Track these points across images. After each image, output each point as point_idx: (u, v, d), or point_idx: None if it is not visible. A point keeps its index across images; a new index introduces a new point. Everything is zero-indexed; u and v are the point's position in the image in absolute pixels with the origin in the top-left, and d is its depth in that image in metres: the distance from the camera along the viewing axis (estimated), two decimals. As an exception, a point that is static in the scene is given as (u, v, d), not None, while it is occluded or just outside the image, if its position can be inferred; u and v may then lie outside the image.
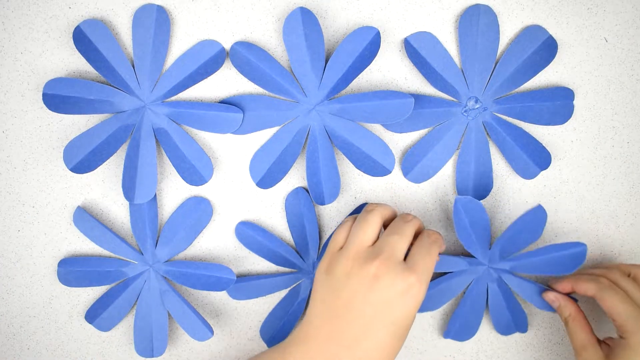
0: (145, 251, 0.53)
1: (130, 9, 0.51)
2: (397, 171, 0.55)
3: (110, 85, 0.51)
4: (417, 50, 0.52)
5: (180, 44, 0.52)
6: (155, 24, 0.49)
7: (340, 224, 0.49)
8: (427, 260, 0.46)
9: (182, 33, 0.51)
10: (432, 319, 0.57)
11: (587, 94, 0.54)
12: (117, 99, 0.50)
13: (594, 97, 0.55)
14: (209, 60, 0.50)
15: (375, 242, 0.47)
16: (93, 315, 0.54)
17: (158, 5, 0.49)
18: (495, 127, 0.53)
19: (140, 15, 0.49)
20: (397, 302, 0.44)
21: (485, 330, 0.57)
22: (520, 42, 0.52)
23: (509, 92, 0.53)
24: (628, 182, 0.56)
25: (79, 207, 0.52)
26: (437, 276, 0.55)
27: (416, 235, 0.49)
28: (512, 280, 0.55)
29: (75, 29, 0.49)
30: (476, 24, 0.52)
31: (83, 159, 0.50)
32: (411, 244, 0.48)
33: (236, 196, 0.54)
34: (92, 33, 0.49)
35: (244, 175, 0.54)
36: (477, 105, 0.52)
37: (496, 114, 0.53)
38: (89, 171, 0.50)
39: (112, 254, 0.54)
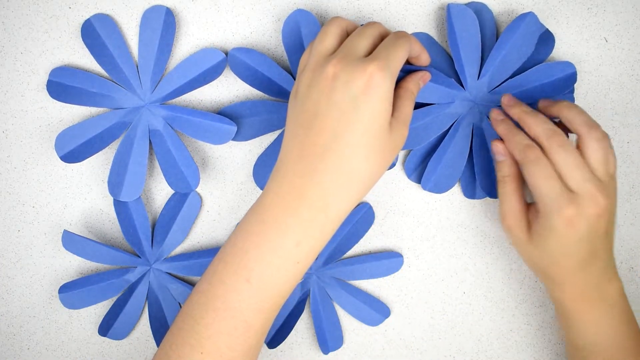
0: (142, 253, 0.53)
1: (130, 9, 0.51)
2: (397, 170, 0.55)
3: (112, 81, 0.51)
4: None
5: (179, 44, 0.52)
6: (163, 26, 0.50)
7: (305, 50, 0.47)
8: (391, 50, 0.42)
9: (182, 33, 0.51)
10: (432, 320, 0.57)
11: (587, 94, 0.54)
12: (118, 95, 0.50)
13: (594, 97, 0.55)
14: (209, 68, 0.50)
15: None
16: (105, 327, 0.54)
17: (167, 8, 0.49)
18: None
19: (149, 16, 0.49)
20: (362, 99, 0.41)
21: (486, 329, 0.57)
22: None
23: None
24: (628, 182, 0.56)
25: (65, 231, 0.51)
26: (420, 107, 0.52)
27: None
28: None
29: (85, 22, 0.49)
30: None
31: (75, 149, 0.50)
32: None
33: (236, 196, 0.54)
34: (101, 27, 0.49)
35: (244, 175, 0.54)
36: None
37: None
38: (78, 161, 0.50)
39: (110, 266, 0.54)
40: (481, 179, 0.53)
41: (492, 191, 0.53)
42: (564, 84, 0.52)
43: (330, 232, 0.44)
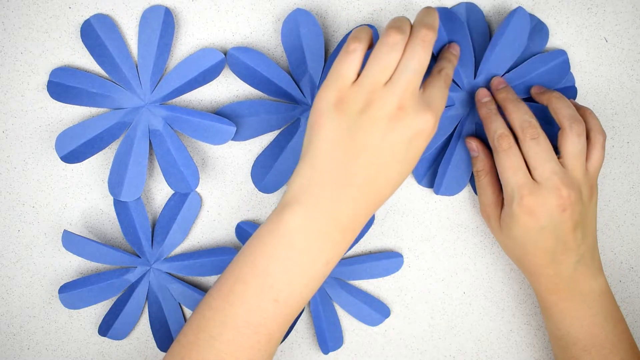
0: (142, 253, 0.53)
1: (130, 9, 0.51)
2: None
3: (112, 81, 0.51)
4: None
5: (180, 44, 0.52)
6: (162, 26, 0.50)
7: (344, 51, 0.44)
8: (444, 98, 0.45)
9: (182, 33, 0.51)
10: (432, 320, 0.57)
11: (587, 94, 0.54)
12: (118, 95, 0.50)
13: (594, 97, 0.55)
14: (208, 68, 0.50)
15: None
16: (105, 327, 0.54)
17: (166, 8, 0.49)
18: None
19: (148, 16, 0.49)
20: (413, 143, 0.43)
21: (486, 329, 0.57)
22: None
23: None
24: (628, 182, 0.56)
25: (65, 231, 0.51)
26: None
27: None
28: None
29: (85, 22, 0.49)
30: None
31: (75, 149, 0.50)
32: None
33: (236, 196, 0.54)
34: (100, 28, 0.49)
35: (243, 175, 0.54)
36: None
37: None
38: (78, 162, 0.50)
39: (110, 266, 0.54)
40: None
41: None
42: (558, 71, 0.52)
43: (350, 242, 0.45)
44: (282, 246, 0.43)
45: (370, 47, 0.45)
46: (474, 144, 0.52)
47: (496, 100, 0.51)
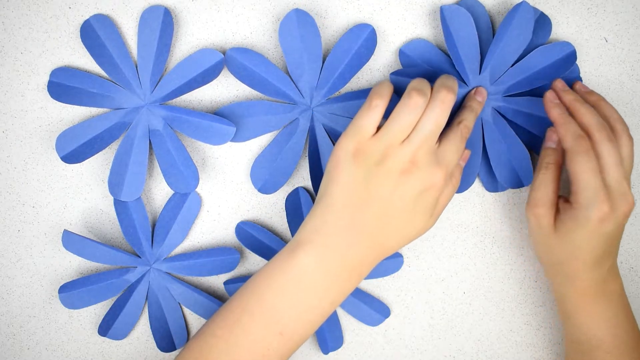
0: (142, 253, 0.53)
1: (130, 9, 0.51)
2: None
3: (112, 81, 0.51)
4: (413, 58, 0.52)
5: (180, 44, 0.52)
6: (161, 26, 0.50)
7: (367, 105, 0.46)
8: (457, 153, 0.46)
9: (182, 33, 0.51)
10: (432, 320, 0.57)
11: (587, 94, 0.55)
12: (118, 95, 0.50)
13: (594, 97, 0.55)
14: (207, 69, 0.50)
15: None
16: (105, 327, 0.54)
17: (165, 8, 0.49)
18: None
19: (148, 17, 0.49)
20: (423, 195, 0.45)
21: (486, 329, 0.57)
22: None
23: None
24: (628, 182, 0.56)
25: (65, 231, 0.51)
26: None
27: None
28: (509, 111, 0.53)
29: (84, 23, 0.49)
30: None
31: (75, 149, 0.50)
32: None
33: (236, 196, 0.54)
34: (100, 28, 0.50)
35: (243, 175, 0.54)
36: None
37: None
38: (79, 162, 0.50)
39: (110, 266, 0.54)
40: (499, 171, 0.53)
41: (514, 182, 0.54)
42: (564, 64, 0.52)
43: (356, 285, 0.47)
44: (292, 283, 0.45)
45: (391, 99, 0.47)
46: (555, 136, 0.51)
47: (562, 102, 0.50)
